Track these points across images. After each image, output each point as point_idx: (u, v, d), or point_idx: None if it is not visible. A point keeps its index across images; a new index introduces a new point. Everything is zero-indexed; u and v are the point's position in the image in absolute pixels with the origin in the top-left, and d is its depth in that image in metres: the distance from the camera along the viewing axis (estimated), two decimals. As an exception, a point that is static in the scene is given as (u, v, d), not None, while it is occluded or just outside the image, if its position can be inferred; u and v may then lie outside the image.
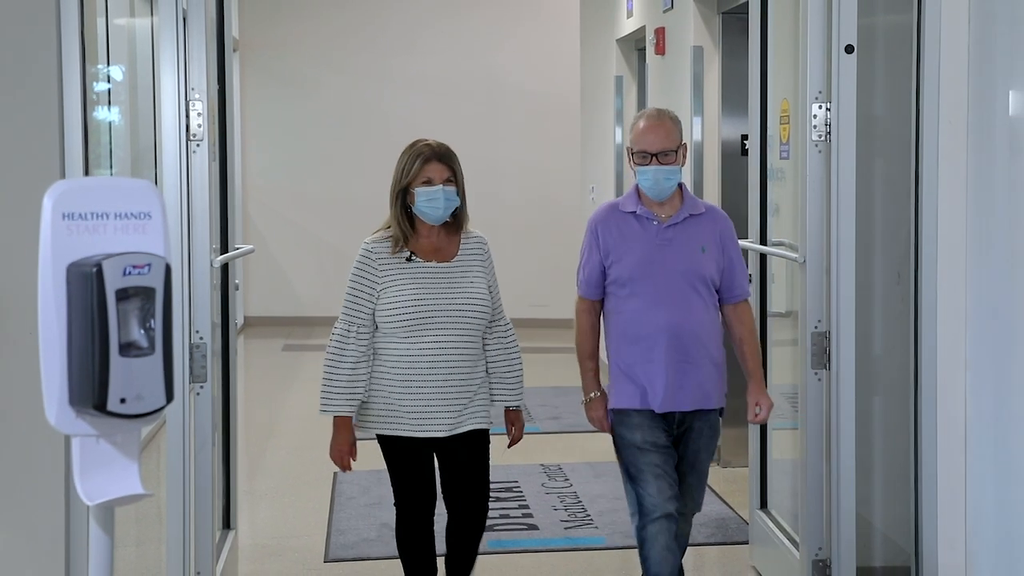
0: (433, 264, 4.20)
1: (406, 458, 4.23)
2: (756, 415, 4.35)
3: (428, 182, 4.15)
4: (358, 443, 4.29)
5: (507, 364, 4.32)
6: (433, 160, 4.17)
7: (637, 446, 4.27)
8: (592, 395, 4.41)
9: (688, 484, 4.38)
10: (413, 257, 4.19)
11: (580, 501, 6.52)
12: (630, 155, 4.31)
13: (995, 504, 4.15)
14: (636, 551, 4.73)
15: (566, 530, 6.05)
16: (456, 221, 4.26)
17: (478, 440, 4.26)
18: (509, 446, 4.39)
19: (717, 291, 4.31)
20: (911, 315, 4.38)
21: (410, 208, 4.21)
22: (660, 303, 4.23)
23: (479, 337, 4.25)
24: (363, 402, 4.21)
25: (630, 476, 4.31)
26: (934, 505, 4.30)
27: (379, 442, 4.26)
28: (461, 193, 4.23)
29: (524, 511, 6.34)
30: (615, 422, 4.34)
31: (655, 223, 4.28)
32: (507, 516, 6.24)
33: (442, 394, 4.16)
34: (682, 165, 4.27)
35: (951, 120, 4.22)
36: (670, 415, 4.28)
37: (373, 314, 4.17)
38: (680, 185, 4.32)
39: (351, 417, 4.21)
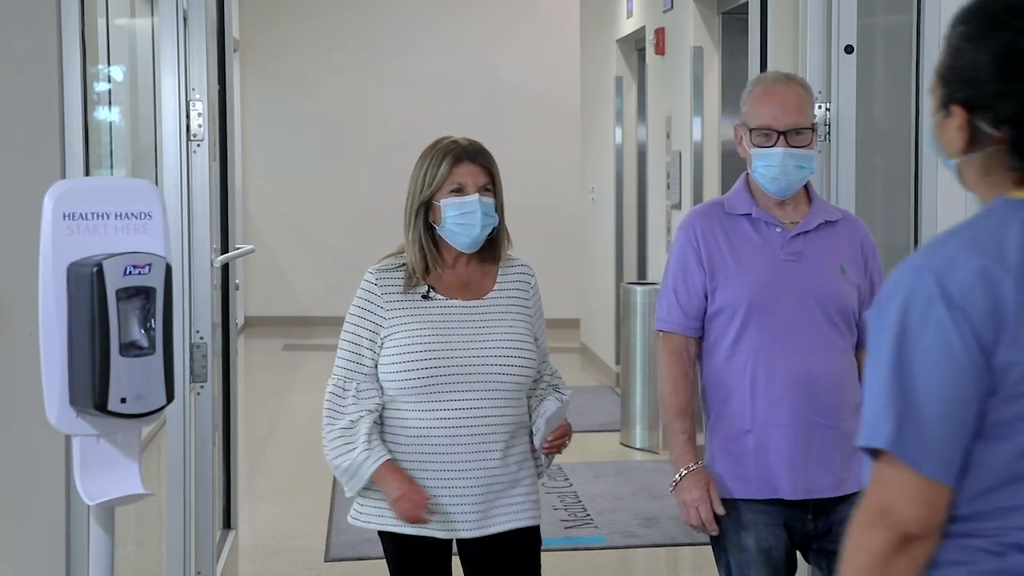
0: (458, 302, 3.17)
1: (420, 565, 3.20)
2: None
3: (459, 190, 3.13)
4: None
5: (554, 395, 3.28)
6: (465, 161, 3.15)
7: (747, 553, 3.13)
8: (685, 469, 3.15)
9: None
10: (432, 293, 3.16)
11: (580, 501, 6.52)
12: (742, 135, 3.21)
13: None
14: (636, 550, 4.73)
15: (566, 530, 6.05)
16: (492, 245, 3.22)
17: (521, 543, 3.20)
18: (546, 450, 3.21)
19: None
20: (911, 315, 4.37)
21: (434, 228, 3.19)
22: (788, 342, 3.11)
23: (520, 400, 3.19)
24: (365, 488, 3.16)
25: None
26: (934, 505, 4.29)
27: (383, 541, 3.24)
28: (500, 207, 3.19)
29: (524, 511, 6.34)
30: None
31: (778, 230, 3.18)
32: (507, 516, 6.24)
33: (468, 479, 3.11)
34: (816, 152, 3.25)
35: (951, 120, 4.22)
36: (803, 503, 3.13)
37: (377, 367, 3.16)
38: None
39: (389, 461, 3.10)
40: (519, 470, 3.17)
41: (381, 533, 3.21)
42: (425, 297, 3.16)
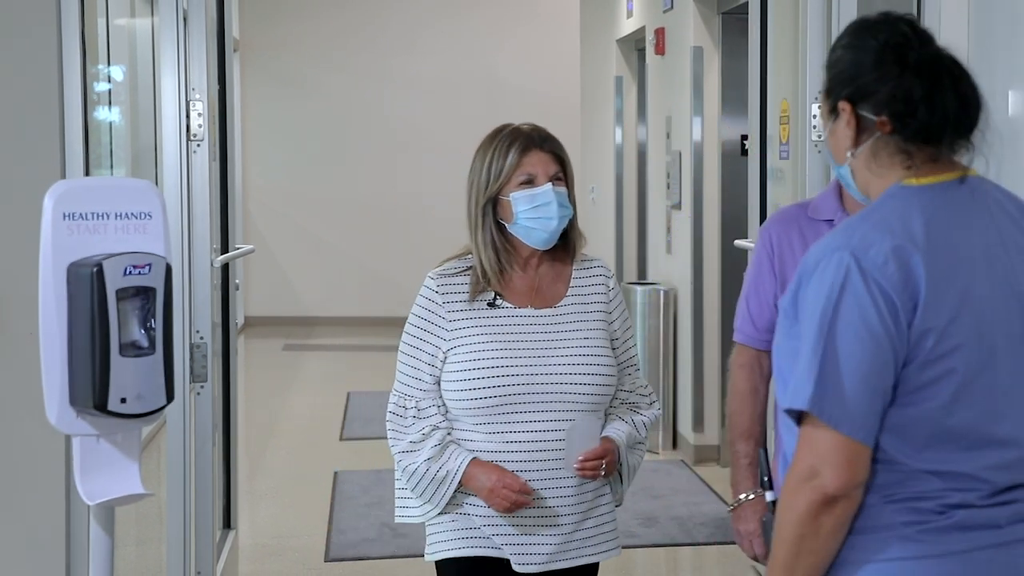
0: (528, 311, 2.88)
1: None
2: None
3: (529, 182, 2.84)
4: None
5: (631, 415, 2.97)
6: (533, 149, 2.86)
7: None
8: (743, 497, 2.95)
9: None
10: (499, 301, 2.87)
11: (580, 501, 6.52)
12: None
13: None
14: (636, 550, 4.70)
15: (566, 530, 6.04)
16: (566, 243, 2.93)
17: (580, 573, 2.95)
18: (578, 471, 2.85)
19: None
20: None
21: (504, 227, 2.88)
22: None
23: (601, 418, 2.91)
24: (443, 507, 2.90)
25: None
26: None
27: (441, 573, 2.96)
28: (572, 198, 2.91)
29: (524, 511, 6.34)
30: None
31: None
32: (507, 516, 6.23)
33: (541, 509, 2.83)
34: None
35: (951, 120, 4.23)
36: None
37: (439, 384, 2.88)
38: None
39: (472, 458, 2.83)
40: (595, 497, 2.90)
41: (442, 564, 2.92)
42: (491, 305, 2.86)
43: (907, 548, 1.99)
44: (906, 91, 2.04)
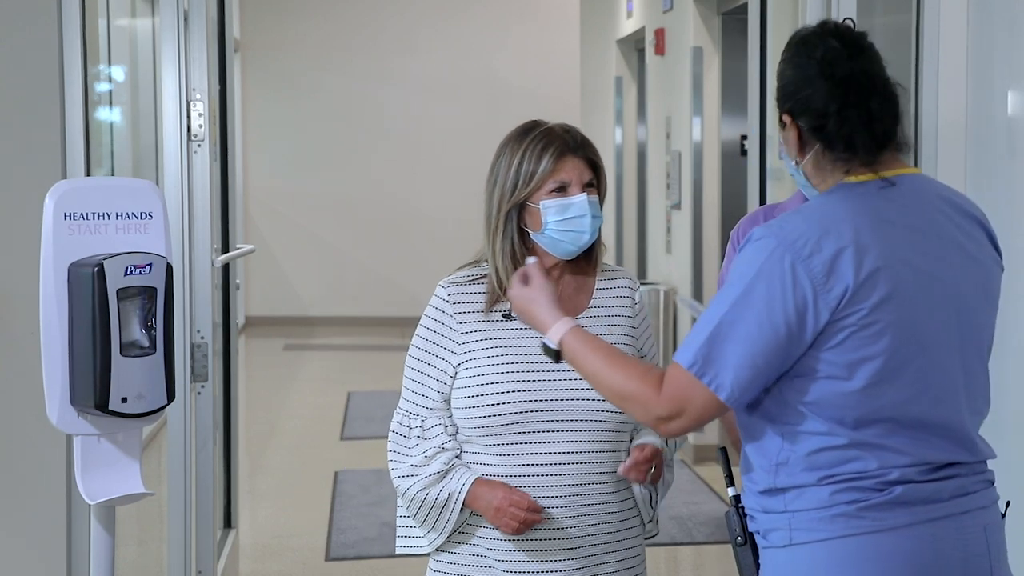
0: None
1: None
2: None
3: (562, 189, 2.60)
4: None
5: None
6: (569, 155, 2.61)
7: None
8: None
9: None
10: (514, 312, 2.54)
11: (580, 501, 6.52)
12: None
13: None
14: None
15: (566, 530, 6.05)
16: (588, 253, 2.69)
17: None
18: (630, 469, 2.61)
19: None
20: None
21: (527, 234, 2.66)
22: None
23: (624, 440, 2.67)
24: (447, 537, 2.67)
25: None
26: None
27: None
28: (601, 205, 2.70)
29: (524, 511, 6.34)
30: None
31: None
32: (507, 516, 6.23)
33: (560, 541, 2.60)
34: None
35: (950, 120, 4.23)
36: None
37: (449, 402, 2.65)
38: None
39: (480, 478, 2.60)
40: (619, 531, 2.66)
41: None
42: (507, 317, 2.63)
43: (851, 525, 2.08)
44: (823, 104, 2.18)
